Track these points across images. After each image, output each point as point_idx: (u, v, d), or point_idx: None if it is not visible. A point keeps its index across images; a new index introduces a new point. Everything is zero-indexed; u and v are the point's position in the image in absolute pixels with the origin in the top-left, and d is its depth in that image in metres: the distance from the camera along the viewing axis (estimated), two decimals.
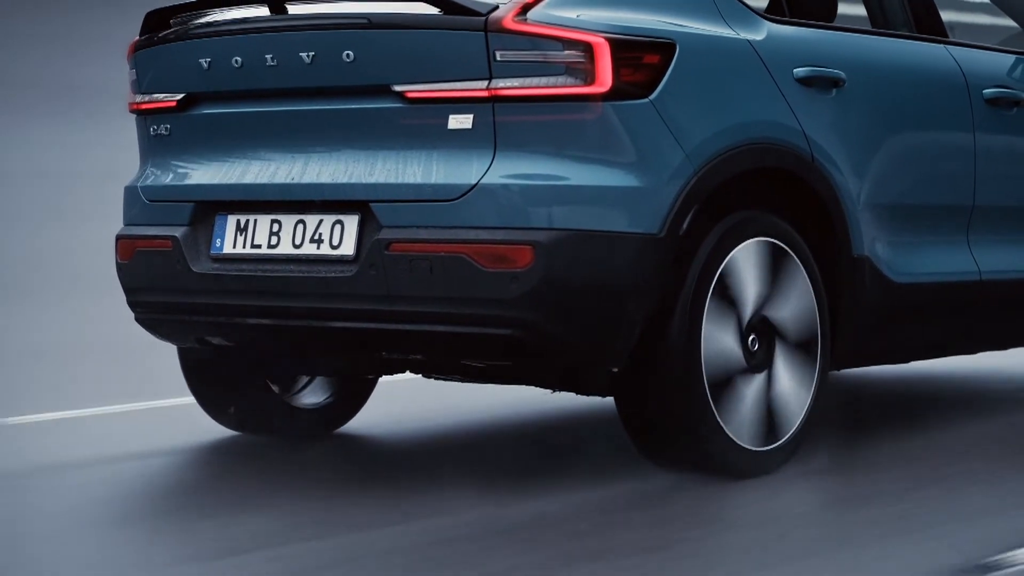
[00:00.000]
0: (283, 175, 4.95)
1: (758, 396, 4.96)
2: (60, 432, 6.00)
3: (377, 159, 4.81)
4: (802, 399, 5.09)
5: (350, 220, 4.82)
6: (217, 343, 5.20)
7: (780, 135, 5.02)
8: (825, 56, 5.25)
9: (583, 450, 5.72)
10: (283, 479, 5.19)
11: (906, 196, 5.47)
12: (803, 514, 4.80)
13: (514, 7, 4.67)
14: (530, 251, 4.60)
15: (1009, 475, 5.16)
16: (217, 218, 5.08)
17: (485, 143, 4.67)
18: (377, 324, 4.78)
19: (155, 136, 5.26)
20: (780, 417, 5.02)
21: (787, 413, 5.04)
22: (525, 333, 4.64)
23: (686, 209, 4.74)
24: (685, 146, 4.76)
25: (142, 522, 4.78)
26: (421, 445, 5.85)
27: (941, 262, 5.60)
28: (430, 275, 4.66)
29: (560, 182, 4.65)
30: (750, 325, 4.96)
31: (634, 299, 4.69)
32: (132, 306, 5.33)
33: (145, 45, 5.24)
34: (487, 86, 4.65)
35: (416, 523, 4.58)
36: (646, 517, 4.64)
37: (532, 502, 4.79)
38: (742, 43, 5.02)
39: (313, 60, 4.84)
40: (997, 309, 5.85)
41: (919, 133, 5.55)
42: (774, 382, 5.01)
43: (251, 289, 4.97)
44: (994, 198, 5.77)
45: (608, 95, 4.64)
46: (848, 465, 5.35)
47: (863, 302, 5.29)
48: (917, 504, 4.77)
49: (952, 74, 5.70)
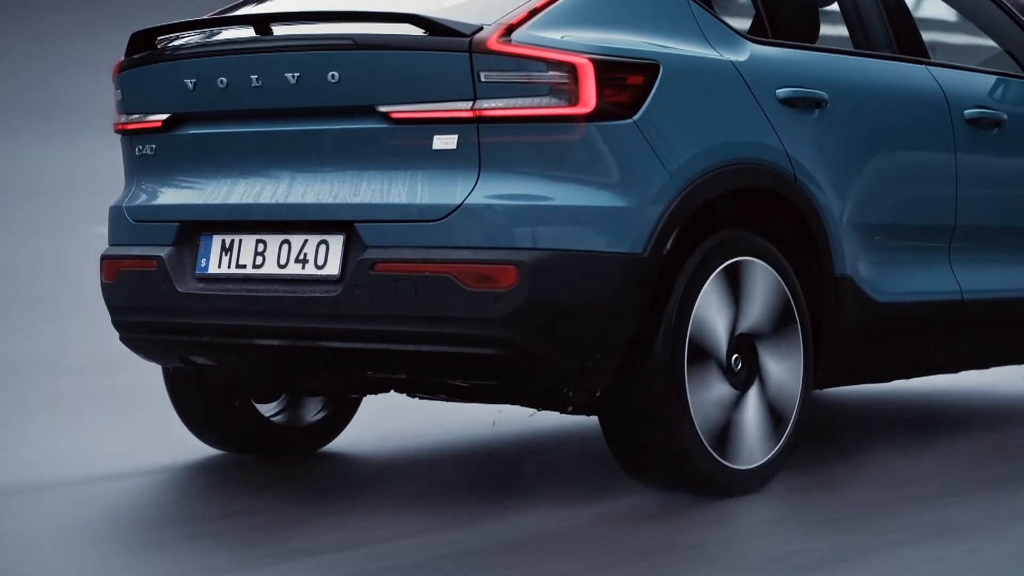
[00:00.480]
0: (268, 195, 4.96)
1: (754, 410, 4.98)
2: (41, 450, 6.00)
3: (362, 179, 4.82)
4: (785, 418, 5.11)
5: (335, 240, 4.84)
6: (202, 363, 5.21)
7: (763, 155, 5.05)
8: (807, 77, 5.29)
9: (568, 468, 5.74)
10: (267, 498, 5.20)
11: (888, 216, 5.50)
12: (786, 532, 4.82)
13: (498, 28, 4.69)
14: (514, 271, 4.62)
15: (986, 493, 5.19)
16: (202, 238, 5.09)
17: (470, 163, 4.70)
18: (362, 344, 4.80)
19: (140, 156, 5.28)
20: (763, 436, 5.04)
21: (770, 432, 5.06)
22: (509, 352, 4.66)
23: (669, 229, 4.77)
24: (669, 166, 4.79)
25: (124, 542, 4.79)
26: (407, 463, 5.86)
27: (923, 281, 5.63)
28: (415, 295, 4.68)
29: (544, 202, 4.67)
30: (732, 344, 4.98)
31: (618, 318, 4.72)
32: (117, 326, 5.34)
33: (130, 65, 5.26)
34: (472, 107, 4.67)
35: (403, 541, 4.60)
36: (630, 535, 4.66)
37: (516, 522, 4.81)
38: (725, 64, 5.05)
39: (298, 81, 4.86)
40: (978, 328, 5.88)
41: (901, 153, 5.58)
42: (757, 401, 5.03)
43: (236, 309, 4.98)
44: (975, 218, 5.81)
45: (592, 116, 4.67)
46: (831, 484, 5.37)
47: (845, 321, 5.31)
48: (900, 521, 4.79)
49: (933, 94, 5.74)
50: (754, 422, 5.02)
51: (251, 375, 5.50)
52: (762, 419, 5.04)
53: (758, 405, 5.03)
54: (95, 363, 7.71)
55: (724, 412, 4.93)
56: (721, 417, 4.92)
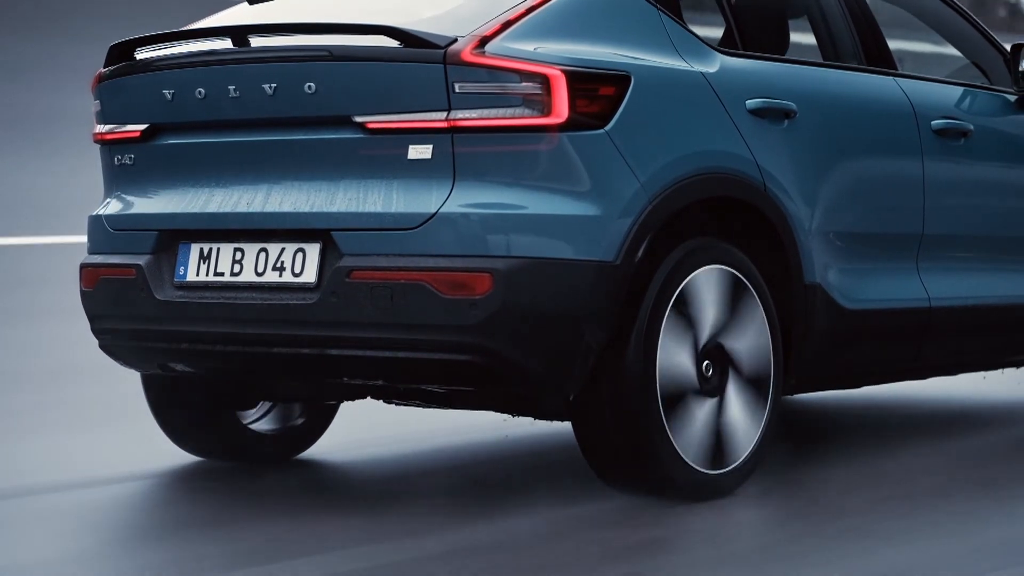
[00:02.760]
0: (246, 204, 5.03)
1: (705, 422, 5.05)
2: (22, 457, 6.03)
3: (338, 188, 4.89)
4: (756, 422, 5.18)
5: (312, 248, 4.90)
6: (180, 370, 5.27)
7: (733, 165, 5.13)
8: (777, 88, 5.36)
9: (543, 471, 5.80)
10: (246, 504, 5.24)
11: (857, 224, 5.57)
12: (757, 534, 4.89)
13: (472, 40, 4.76)
14: (489, 278, 4.69)
15: (961, 495, 5.27)
16: (180, 246, 5.15)
17: (444, 173, 4.76)
18: (339, 350, 4.86)
19: (119, 166, 5.33)
20: (727, 444, 5.11)
21: (734, 441, 5.13)
22: (484, 358, 4.72)
23: (641, 237, 4.84)
24: (640, 176, 4.86)
25: (103, 549, 4.82)
26: (384, 469, 5.91)
27: (891, 289, 5.70)
28: (391, 302, 4.74)
29: (518, 211, 4.74)
30: (705, 351, 5.05)
31: (590, 325, 4.79)
32: (96, 333, 5.39)
33: (109, 76, 5.32)
34: (446, 117, 4.74)
35: (382, 545, 4.65)
36: (603, 538, 4.72)
37: (491, 526, 4.87)
38: (696, 75, 5.13)
39: (275, 92, 4.93)
40: (946, 335, 5.96)
41: (869, 163, 5.66)
42: (724, 410, 5.09)
43: (214, 316, 5.03)
44: (943, 226, 5.88)
45: (564, 126, 4.74)
46: (802, 486, 5.44)
47: (815, 328, 5.39)
48: (871, 523, 4.87)
49: (901, 105, 5.82)
50: (724, 427, 5.08)
51: (229, 382, 5.55)
52: (732, 424, 5.11)
53: (728, 410, 5.10)
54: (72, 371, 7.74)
55: (695, 417, 5.00)
56: (692, 422, 4.99)
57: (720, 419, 5.07)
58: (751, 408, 5.16)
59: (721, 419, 5.07)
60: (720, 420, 5.07)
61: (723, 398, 5.08)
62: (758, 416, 5.18)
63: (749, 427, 5.15)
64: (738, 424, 5.12)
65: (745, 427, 5.14)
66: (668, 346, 4.93)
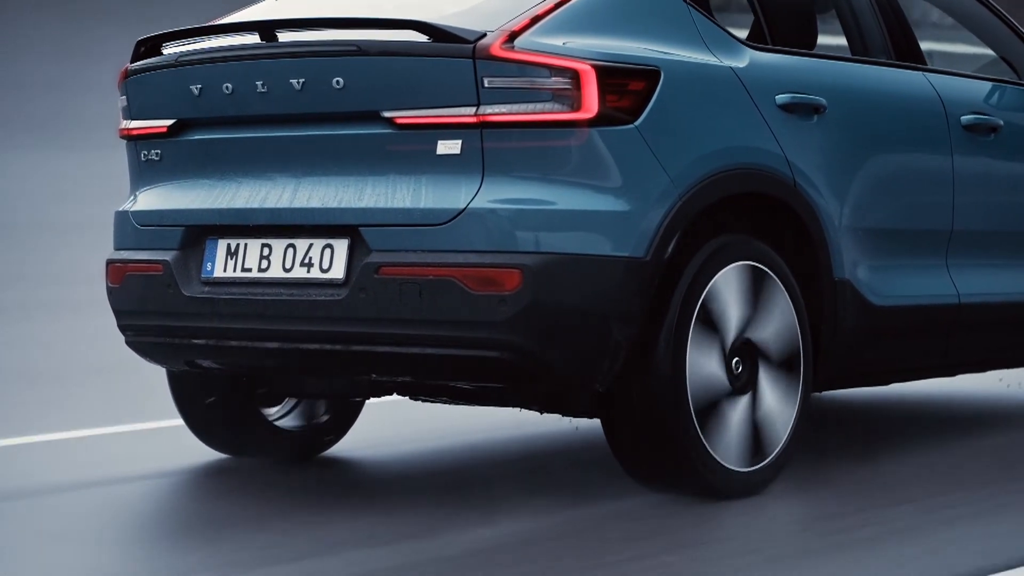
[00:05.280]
0: (273, 200, 5.01)
1: (741, 419, 5.02)
2: (48, 454, 6.03)
3: (367, 184, 4.87)
4: (786, 420, 5.15)
5: (340, 244, 4.89)
6: (207, 366, 5.25)
7: (763, 160, 5.10)
8: (806, 83, 5.34)
9: (568, 469, 5.78)
10: (269, 502, 5.23)
11: (886, 220, 5.55)
12: (787, 533, 4.87)
13: (501, 35, 4.74)
14: (518, 274, 4.66)
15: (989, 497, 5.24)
16: (208, 242, 5.14)
17: (473, 168, 4.74)
18: (367, 347, 4.84)
19: (145, 161, 5.32)
20: (765, 437, 5.09)
21: (772, 433, 5.11)
22: (513, 355, 4.70)
23: (671, 233, 4.82)
24: (670, 171, 4.83)
25: (128, 546, 4.82)
26: (408, 467, 5.90)
27: (921, 285, 5.68)
28: (419, 298, 4.72)
29: (547, 206, 4.72)
30: (734, 347, 5.03)
31: (620, 321, 4.76)
32: (123, 329, 5.38)
33: (136, 72, 5.30)
34: (475, 112, 4.72)
35: (402, 544, 4.64)
36: (630, 535, 4.70)
37: (515, 522, 4.85)
38: (725, 70, 5.10)
39: (303, 87, 4.91)
40: (975, 332, 5.93)
41: (898, 158, 5.64)
42: (758, 403, 5.07)
43: (241, 312, 5.02)
44: (972, 222, 5.86)
45: (594, 121, 4.72)
46: (831, 484, 5.42)
47: (844, 325, 5.36)
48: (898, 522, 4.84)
49: (930, 101, 5.79)
50: (755, 424, 5.06)
51: (256, 378, 5.53)
52: (763, 421, 5.08)
53: (759, 408, 5.07)
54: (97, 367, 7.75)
55: (726, 415, 4.98)
56: (723, 420, 4.97)
57: (756, 414, 5.04)
58: (781, 405, 5.13)
59: (757, 414, 5.04)
60: (756, 415, 5.04)
61: (756, 392, 5.05)
62: (788, 413, 5.15)
63: (780, 424, 5.12)
64: (768, 421, 5.09)
65: (776, 424, 5.11)
66: (698, 342, 4.90)
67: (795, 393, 5.17)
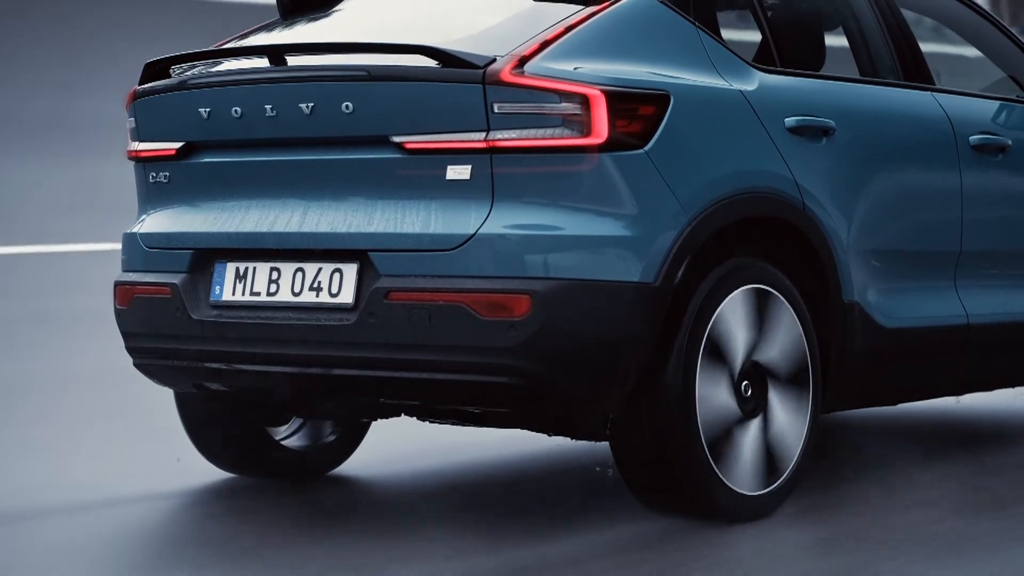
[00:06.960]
0: (282, 224, 5.00)
1: (754, 442, 5.02)
2: (46, 474, 6.01)
3: (376, 209, 4.87)
4: (796, 442, 5.15)
5: (349, 269, 4.88)
6: (215, 389, 5.25)
7: (772, 184, 5.10)
8: (815, 105, 5.33)
9: (577, 493, 5.77)
10: (279, 521, 5.23)
11: (895, 242, 5.54)
12: (796, 557, 4.86)
13: (511, 60, 4.74)
14: (527, 300, 4.66)
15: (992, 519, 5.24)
16: (216, 265, 5.13)
17: (483, 193, 4.74)
18: (376, 371, 4.84)
19: (154, 183, 5.32)
20: (775, 461, 5.08)
21: (783, 455, 5.10)
22: (523, 380, 4.70)
23: (680, 258, 4.81)
24: (680, 196, 4.83)
25: (134, 567, 4.81)
26: (415, 487, 5.89)
27: (929, 307, 5.67)
28: (428, 323, 4.72)
29: (557, 232, 4.72)
30: (743, 370, 5.02)
31: (630, 347, 4.76)
32: (131, 352, 5.37)
33: (144, 94, 5.30)
34: (485, 137, 4.71)
35: (413, 564, 4.64)
36: (640, 561, 4.69)
37: (526, 547, 4.85)
38: (734, 93, 5.10)
39: (312, 111, 4.90)
40: (984, 352, 5.93)
41: (907, 180, 5.63)
42: (769, 426, 5.07)
43: (250, 336, 5.02)
44: (981, 243, 5.85)
45: (604, 146, 4.72)
46: (840, 506, 5.41)
47: (853, 346, 5.36)
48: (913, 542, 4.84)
49: (939, 121, 5.79)
50: (766, 448, 5.05)
51: (264, 401, 5.53)
52: (773, 445, 5.08)
53: (770, 431, 5.07)
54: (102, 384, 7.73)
55: (736, 439, 4.97)
56: (733, 444, 4.96)
57: (766, 436, 5.04)
58: (791, 429, 5.12)
59: (767, 436, 5.04)
60: (767, 437, 5.04)
61: (766, 415, 5.05)
62: (797, 437, 5.14)
63: (790, 448, 5.12)
64: (778, 445, 5.08)
65: (786, 448, 5.11)
66: (707, 365, 4.90)
67: (805, 415, 5.17)
